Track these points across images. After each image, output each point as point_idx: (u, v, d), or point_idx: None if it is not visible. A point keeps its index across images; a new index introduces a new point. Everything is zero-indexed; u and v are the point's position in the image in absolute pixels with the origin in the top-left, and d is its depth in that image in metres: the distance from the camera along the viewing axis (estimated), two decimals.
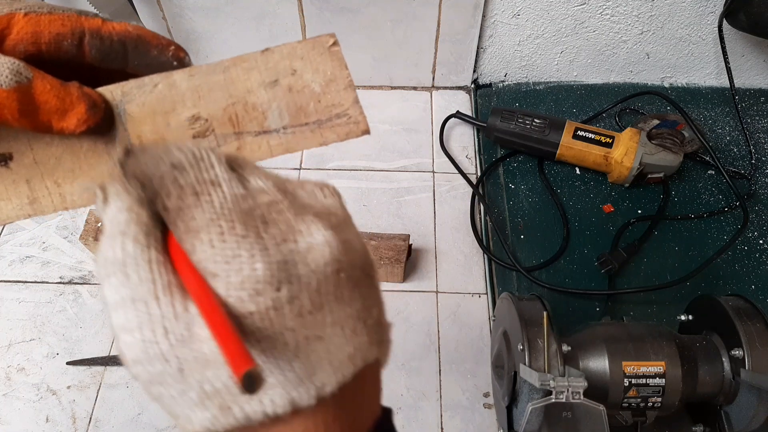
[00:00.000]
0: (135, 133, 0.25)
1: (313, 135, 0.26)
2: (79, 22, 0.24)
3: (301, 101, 0.26)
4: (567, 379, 0.48)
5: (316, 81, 0.26)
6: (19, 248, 0.75)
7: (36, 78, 0.22)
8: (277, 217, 0.21)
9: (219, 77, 0.26)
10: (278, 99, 0.26)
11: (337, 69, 0.27)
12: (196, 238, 0.19)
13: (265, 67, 0.26)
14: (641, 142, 0.75)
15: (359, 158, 0.84)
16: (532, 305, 0.55)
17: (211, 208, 0.20)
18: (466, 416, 0.63)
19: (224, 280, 0.19)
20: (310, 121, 0.26)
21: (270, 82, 0.26)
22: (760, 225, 0.76)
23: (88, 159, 0.25)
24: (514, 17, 0.83)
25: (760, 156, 0.84)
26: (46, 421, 0.62)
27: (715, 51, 0.88)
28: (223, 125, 0.26)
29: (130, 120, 0.25)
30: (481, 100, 0.91)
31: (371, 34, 0.84)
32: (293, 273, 0.20)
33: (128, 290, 0.19)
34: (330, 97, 0.26)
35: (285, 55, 0.26)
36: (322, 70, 0.26)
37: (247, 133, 0.26)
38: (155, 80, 0.25)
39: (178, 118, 0.25)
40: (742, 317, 0.53)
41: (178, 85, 0.26)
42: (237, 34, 0.84)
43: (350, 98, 0.26)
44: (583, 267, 0.73)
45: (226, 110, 0.26)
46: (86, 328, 0.69)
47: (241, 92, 0.26)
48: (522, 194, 0.79)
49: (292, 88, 0.26)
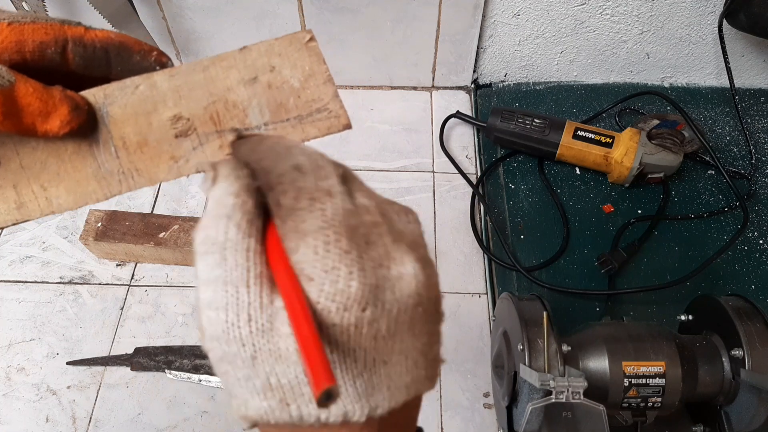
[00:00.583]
0: (118, 134, 0.26)
1: (294, 130, 0.26)
2: (62, 30, 0.25)
3: (281, 97, 0.26)
4: (567, 379, 0.48)
5: (294, 77, 0.26)
6: (19, 248, 0.75)
7: (19, 81, 0.23)
8: (377, 239, 0.21)
9: (199, 76, 0.26)
10: (258, 96, 0.26)
11: (316, 64, 0.26)
12: (302, 240, 0.20)
13: (244, 65, 0.26)
14: (641, 142, 0.75)
15: (359, 158, 0.84)
16: (532, 305, 0.55)
17: (323, 216, 0.20)
18: (466, 416, 0.63)
19: (318, 286, 0.20)
20: (290, 117, 0.26)
21: (249, 80, 0.26)
22: (760, 225, 0.76)
23: (73, 162, 0.26)
24: (514, 17, 0.83)
25: (760, 156, 0.84)
26: (46, 421, 0.62)
27: (715, 51, 0.88)
28: (205, 124, 0.26)
29: (112, 122, 0.26)
30: (481, 100, 0.91)
31: (371, 34, 0.84)
32: (380, 297, 0.20)
33: (223, 272, 0.19)
34: (309, 93, 0.26)
35: (263, 52, 0.26)
36: (300, 66, 0.26)
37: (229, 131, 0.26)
38: (136, 82, 0.26)
39: (160, 118, 0.26)
40: (742, 317, 0.53)
41: (159, 86, 0.26)
42: (237, 34, 0.84)
43: (330, 93, 0.26)
44: (583, 267, 0.73)
45: (207, 109, 0.26)
46: (86, 328, 0.69)
47: (221, 90, 0.26)
48: (522, 194, 0.79)
49: (271, 85, 0.26)
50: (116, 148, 0.26)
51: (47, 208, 0.26)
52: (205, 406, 0.64)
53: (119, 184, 0.26)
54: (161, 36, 0.84)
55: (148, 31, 0.78)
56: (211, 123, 0.26)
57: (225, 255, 0.20)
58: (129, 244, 0.70)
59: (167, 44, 0.85)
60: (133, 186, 0.26)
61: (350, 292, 0.20)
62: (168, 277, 0.73)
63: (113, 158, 0.26)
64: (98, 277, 0.72)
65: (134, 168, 0.26)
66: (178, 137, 0.26)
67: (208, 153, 0.26)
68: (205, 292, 0.20)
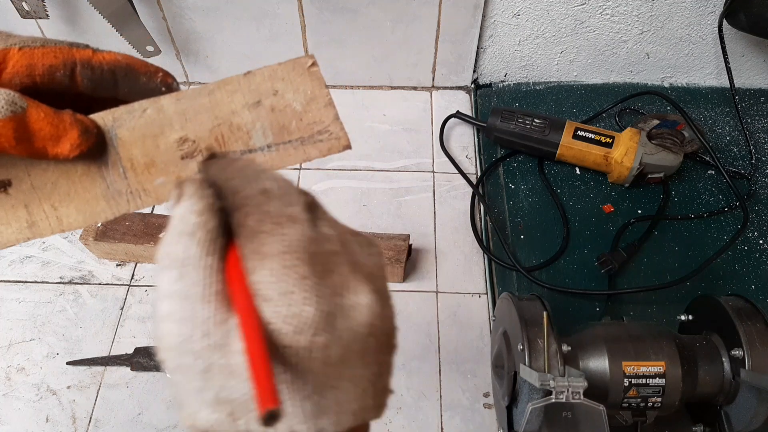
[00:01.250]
0: (126, 156, 0.27)
1: (296, 152, 0.27)
2: (71, 53, 0.26)
3: (284, 120, 0.27)
4: (567, 379, 0.48)
5: (297, 100, 0.27)
6: (19, 248, 0.75)
7: (30, 107, 0.24)
8: (336, 268, 0.22)
9: (204, 100, 0.27)
10: (262, 119, 0.27)
11: (317, 88, 0.28)
12: (262, 262, 0.20)
13: (248, 89, 0.27)
14: (641, 142, 0.75)
15: (359, 158, 0.84)
16: (532, 305, 0.55)
17: (284, 241, 0.21)
18: (466, 416, 0.63)
19: (273, 307, 0.20)
20: (293, 139, 0.27)
21: (253, 103, 0.27)
22: (760, 225, 0.76)
23: (82, 182, 0.27)
24: (514, 17, 0.83)
25: (760, 156, 0.84)
26: (46, 421, 0.62)
27: (715, 51, 0.88)
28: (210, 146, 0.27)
29: (121, 144, 0.27)
30: (481, 100, 0.91)
31: (371, 34, 0.84)
32: (333, 324, 0.21)
33: (182, 286, 0.20)
34: (311, 115, 0.27)
35: (266, 76, 0.27)
36: (302, 90, 0.27)
37: (233, 153, 0.27)
38: (144, 105, 0.27)
39: (167, 141, 0.27)
40: (742, 317, 0.53)
41: (166, 110, 0.27)
42: (237, 34, 0.84)
43: (331, 115, 0.27)
44: (583, 267, 0.73)
45: (212, 131, 0.27)
46: (86, 328, 0.69)
47: (225, 114, 0.27)
48: (522, 194, 0.79)
49: (274, 108, 0.27)
50: (124, 169, 0.27)
51: (58, 226, 0.27)
52: None
53: (127, 203, 0.27)
54: (161, 36, 0.84)
55: (148, 31, 0.78)
56: (216, 145, 0.27)
57: (185, 271, 0.20)
58: (129, 244, 0.70)
59: (167, 44, 0.85)
60: (141, 205, 0.27)
61: (304, 316, 0.20)
62: None
63: (122, 179, 0.27)
64: (98, 277, 0.73)
65: (142, 188, 0.27)
66: (184, 158, 0.27)
67: None
68: (163, 305, 0.20)
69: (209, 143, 0.27)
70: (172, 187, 0.23)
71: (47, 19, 0.77)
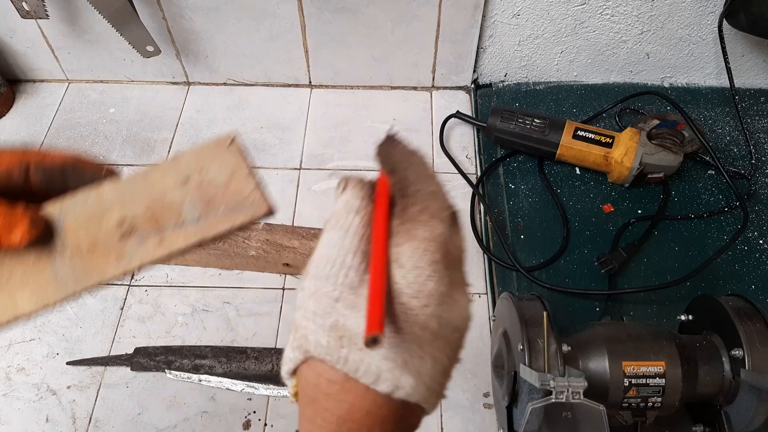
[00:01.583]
0: (73, 239, 0.29)
1: (224, 219, 0.29)
2: (25, 156, 0.30)
3: (210, 193, 0.30)
4: (567, 379, 0.48)
5: (220, 175, 0.30)
6: None
7: None
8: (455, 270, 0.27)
9: (139, 184, 0.30)
10: (191, 194, 0.30)
11: (238, 162, 0.30)
12: (409, 241, 0.26)
13: (177, 169, 0.30)
14: (641, 142, 0.75)
15: (359, 158, 0.84)
16: (532, 305, 0.55)
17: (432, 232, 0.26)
18: (466, 416, 0.63)
19: (403, 272, 0.25)
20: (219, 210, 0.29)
21: (182, 181, 0.30)
22: (760, 225, 0.76)
23: (35, 267, 0.29)
24: (514, 17, 0.83)
25: (760, 156, 0.84)
26: (46, 421, 0.62)
27: (715, 51, 0.88)
28: (146, 223, 0.29)
29: (68, 229, 0.29)
30: (481, 100, 0.91)
31: (371, 34, 0.84)
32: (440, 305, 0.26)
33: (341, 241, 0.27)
34: (233, 186, 0.30)
35: (192, 157, 0.30)
36: (225, 165, 0.30)
37: (167, 227, 0.29)
38: (87, 195, 0.30)
39: (108, 223, 0.30)
40: (742, 317, 0.53)
41: (106, 197, 0.30)
42: (237, 34, 0.84)
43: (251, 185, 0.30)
44: (583, 267, 0.73)
45: (146, 210, 0.30)
46: (86, 328, 0.69)
47: (158, 193, 0.30)
48: (522, 194, 0.79)
49: (201, 184, 0.30)
50: (71, 253, 0.29)
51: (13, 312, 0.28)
52: (205, 406, 0.64)
53: (75, 284, 0.29)
54: (161, 36, 0.84)
55: (148, 31, 0.78)
56: (152, 222, 0.29)
57: (347, 234, 0.27)
58: None
59: (167, 44, 0.85)
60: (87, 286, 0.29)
61: (425, 287, 0.25)
62: (168, 277, 0.73)
63: (68, 262, 0.29)
64: None
65: (86, 270, 0.29)
66: (123, 237, 0.29)
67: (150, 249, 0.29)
68: (322, 249, 0.27)
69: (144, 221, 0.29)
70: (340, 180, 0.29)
71: (47, 19, 0.77)
